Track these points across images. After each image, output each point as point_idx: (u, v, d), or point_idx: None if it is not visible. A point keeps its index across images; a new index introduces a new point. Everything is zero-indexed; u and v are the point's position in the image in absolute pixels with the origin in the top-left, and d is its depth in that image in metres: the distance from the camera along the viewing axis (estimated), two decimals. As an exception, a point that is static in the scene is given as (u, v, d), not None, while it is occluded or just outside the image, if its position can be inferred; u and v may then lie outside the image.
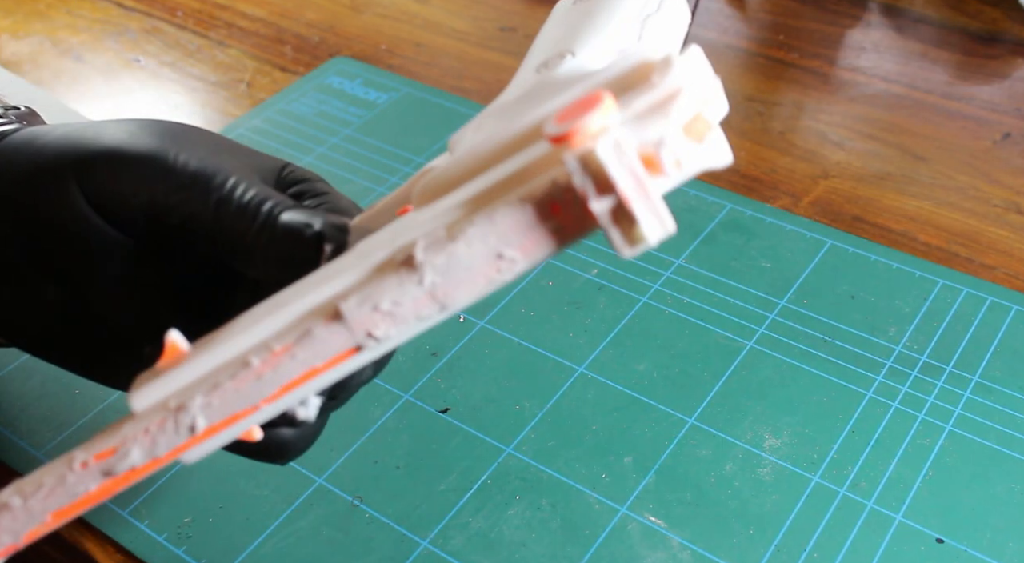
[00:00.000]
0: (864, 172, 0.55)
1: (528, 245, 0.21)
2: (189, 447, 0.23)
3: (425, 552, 0.38)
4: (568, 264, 0.49)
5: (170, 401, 0.23)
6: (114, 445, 0.23)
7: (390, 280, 0.22)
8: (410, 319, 0.22)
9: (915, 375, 0.43)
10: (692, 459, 0.40)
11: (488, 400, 0.43)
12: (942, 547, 0.37)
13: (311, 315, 0.23)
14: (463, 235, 0.21)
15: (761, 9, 0.69)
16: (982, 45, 0.65)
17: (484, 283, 0.22)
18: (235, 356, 0.23)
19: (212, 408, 0.22)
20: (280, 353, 0.22)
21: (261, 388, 0.22)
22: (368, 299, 0.22)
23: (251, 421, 0.23)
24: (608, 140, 0.20)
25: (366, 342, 0.22)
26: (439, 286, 0.22)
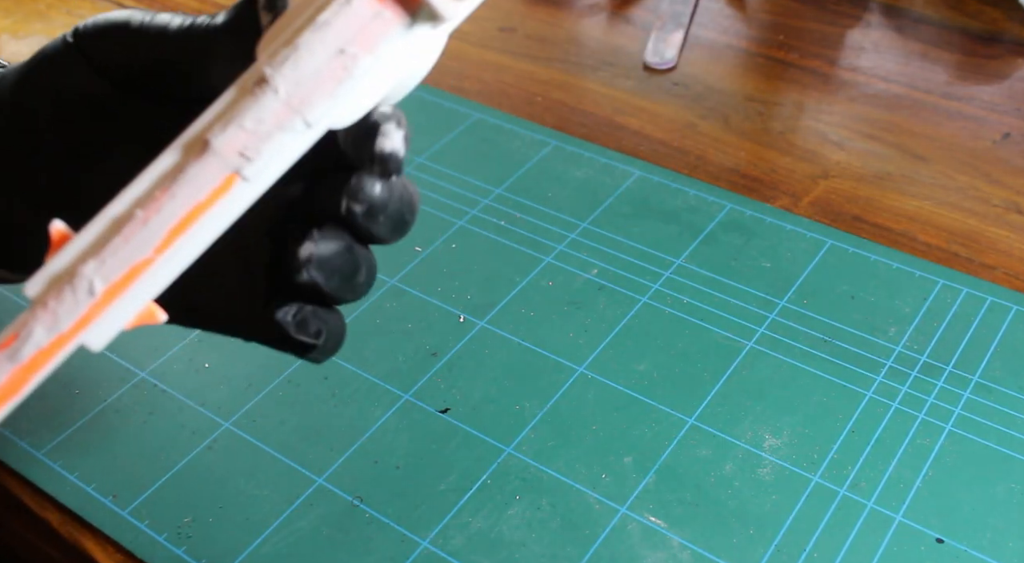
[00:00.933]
0: (864, 172, 0.55)
1: (365, 39, 0.23)
2: (93, 318, 0.22)
3: (425, 552, 0.38)
4: (568, 264, 0.49)
5: (63, 274, 0.23)
6: (15, 330, 0.22)
7: (247, 101, 0.23)
8: (275, 132, 0.23)
9: (915, 375, 0.43)
10: (692, 459, 0.40)
11: (488, 400, 0.43)
12: (942, 547, 0.37)
13: (183, 154, 0.23)
14: (303, 43, 0.23)
15: (761, 9, 0.69)
16: (982, 45, 0.65)
17: (335, 84, 0.23)
18: (120, 214, 0.23)
19: (105, 266, 0.22)
20: (160, 196, 0.22)
21: (149, 235, 0.22)
22: (230, 123, 0.23)
23: (152, 281, 0.23)
24: None
25: (240, 163, 0.22)
26: (293, 94, 0.23)
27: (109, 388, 0.44)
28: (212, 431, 0.42)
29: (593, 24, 0.69)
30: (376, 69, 0.23)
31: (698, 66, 0.64)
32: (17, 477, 0.41)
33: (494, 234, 0.51)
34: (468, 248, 0.50)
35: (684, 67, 0.64)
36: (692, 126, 0.59)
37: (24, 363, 0.22)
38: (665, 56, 0.64)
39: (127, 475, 0.41)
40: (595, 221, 0.52)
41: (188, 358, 0.45)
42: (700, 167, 0.56)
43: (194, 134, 0.23)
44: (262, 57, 0.24)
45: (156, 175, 0.23)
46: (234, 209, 0.23)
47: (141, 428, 0.42)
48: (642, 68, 0.64)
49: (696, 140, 0.58)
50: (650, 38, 0.66)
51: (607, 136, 0.58)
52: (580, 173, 0.55)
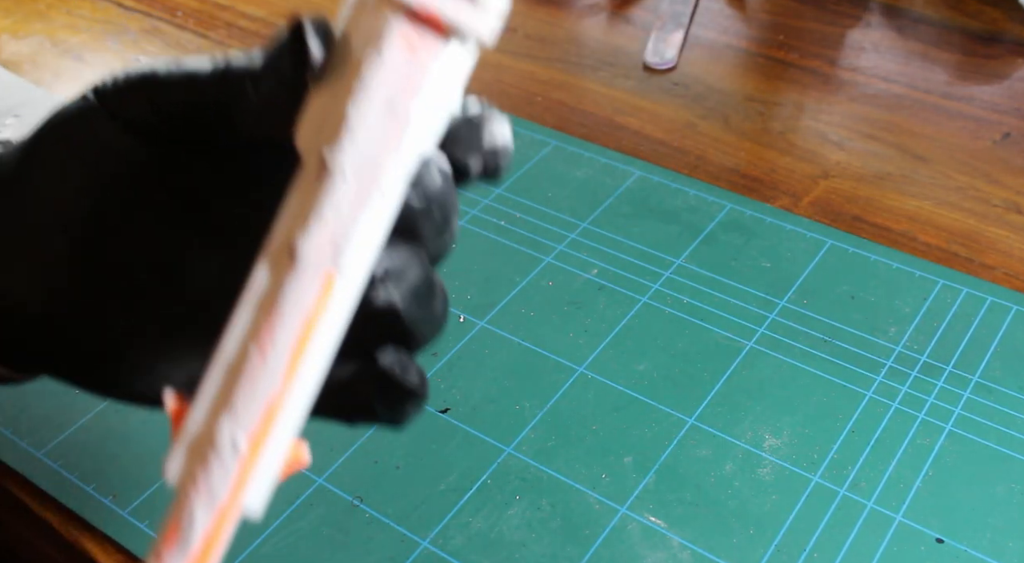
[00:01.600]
0: (864, 172, 0.55)
1: (408, 81, 0.22)
2: (247, 477, 0.21)
3: (425, 552, 0.38)
4: (568, 264, 0.49)
5: (199, 441, 0.21)
6: (174, 521, 0.21)
7: (318, 194, 0.22)
8: (357, 215, 0.22)
9: (915, 375, 0.43)
10: (692, 459, 0.40)
11: (488, 400, 0.43)
12: (942, 547, 0.37)
13: (273, 271, 0.22)
14: (351, 114, 0.22)
15: (761, 9, 0.69)
16: (982, 45, 0.65)
17: (396, 140, 0.22)
18: (233, 356, 0.22)
19: (239, 416, 0.21)
20: (268, 324, 0.21)
21: (272, 368, 0.21)
22: (309, 222, 0.22)
23: (290, 413, 0.21)
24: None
25: (333, 260, 0.22)
26: (361, 170, 0.22)
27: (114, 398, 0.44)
28: (212, 431, 0.42)
29: (593, 24, 0.69)
30: (431, 104, 0.23)
31: (698, 66, 0.64)
32: (17, 477, 0.41)
33: (494, 234, 0.51)
34: (468, 248, 0.50)
35: (684, 67, 0.64)
36: (692, 126, 0.59)
37: (197, 553, 0.21)
38: (665, 56, 0.64)
39: (127, 475, 0.41)
40: (595, 221, 0.52)
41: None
42: (700, 167, 0.56)
43: (276, 245, 0.22)
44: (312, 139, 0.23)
45: (254, 302, 0.22)
46: (345, 305, 0.22)
47: (141, 428, 0.42)
48: (642, 68, 0.64)
49: (696, 140, 0.58)
50: (650, 38, 0.66)
51: (607, 136, 0.58)
52: (580, 173, 0.55)
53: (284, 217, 0.22)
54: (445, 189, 0.25)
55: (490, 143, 0.26)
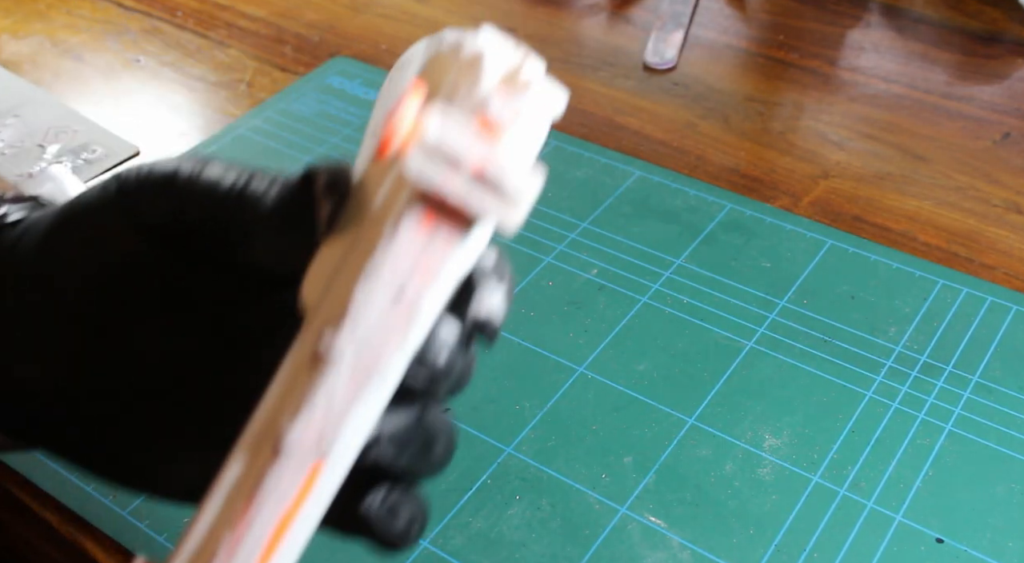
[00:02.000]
0: (864, 172, 0.55)
1: (422, 270, 0.20)
2: None
3: (425, 552, 0.38)
4: (568, 264, 0.49)
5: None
6: None
7: (311, 380, 0.20)
8: (350, 407, 0.20)
9: (915, 375, 0.43)
10: (692, 459, 0.40)
11: (488, 400, 0.43)
12: (942, 547, 0.37)
13: (254, 458, 0.20)
14: (356, 299, 0.20)
15: (761, 9, 0.69)
16: (982, 45, 0.65)
17: (403, 331, 0.20)
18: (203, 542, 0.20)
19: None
20: (244, 515, 0.20)
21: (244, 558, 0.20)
22: (298, 412, 0.20)
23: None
24: (432, 122, 0.19)
25: (320, 452, 0.20)
26: (360, 361, 0.20)
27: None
28: (212, 431, 0.42)
29: (593, 24, 0.69)
30: (445, 291, 0.21)
31: (698, 66, 0.64)
32: (17, 477, 0.41)
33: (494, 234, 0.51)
34: (468, 248, 0.50)
35: (684, 67, 0.64)
36: (692, 126, 0.59)
37: None
38: (665, 56, 0.64)
39: (127, 475, 0.41)
40: (595, 221, 0.52)
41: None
42: (700, 167, 0.56)
43: (260, 430, 0.21)
44: (316, 300, 0.21)
45: (228, 491, 0.20)
46: (325, 496, 0.21)
47: (141, 428, 0.42)
48: (642, 68, 0.64)
49: (696, 140, 0.58)
50: (650, 38, 0.66)
51: (607, 136, 0.58)
52: (580, 173, 0.55)
53: (273, 394, 0.21)
54: (450, 363, 0.23)
55: (475, 314, 0.24)
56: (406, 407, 0.24)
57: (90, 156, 0.57)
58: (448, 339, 0.23)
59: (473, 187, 0.20)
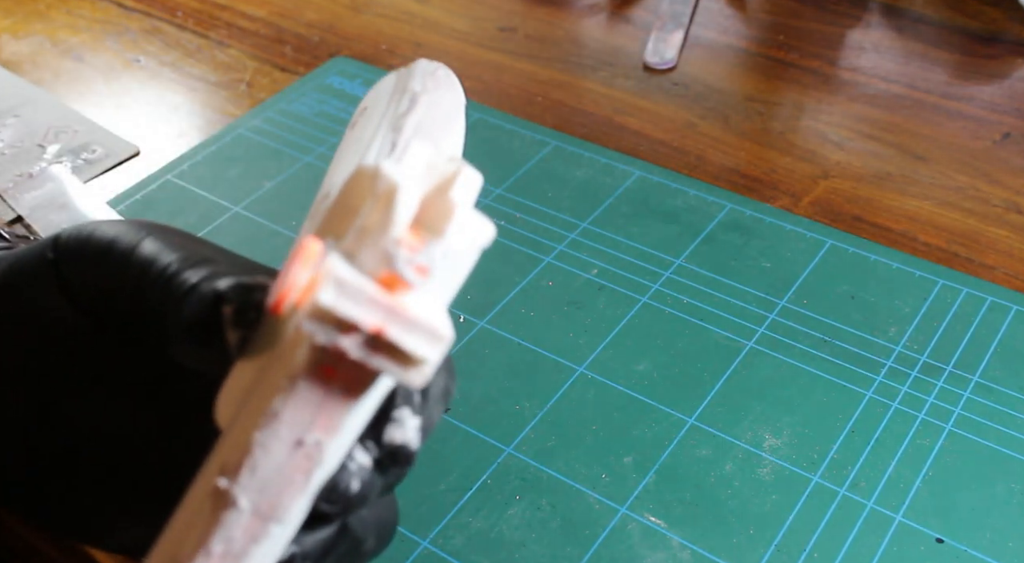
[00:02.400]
0: (864, 172, 0.55)
1: (323, 420, 0.20)
2: None
3: (425, 552, 0.38)
4: (568, 264, 0.49)
5: None
6: None
7: (211, 519, 0.20)
8: (249, 546, 0.20)
9: (915, 375, 0.43)
10: (692, 459, 0.40)
11: (488, 400, 0.43)
12: (942, 547, 0.37)
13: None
14: (255, 445, 0.20)
15: (761, 9, 0.69)
16: (982, 45, 0.65)
17: (304, 477, 0.20)
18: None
19: None
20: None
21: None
22: (196, 552, 0.20)
23: None
24: (327, 285, 0.19)
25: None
26: (259, 503, 0.20)
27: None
28: (212, 431, 0.42)
29: (593, 24, 0.69)
30: (350, 436, 0.21)
31: (698, 66, 0.64)
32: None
33: (494, 234, 0.51)
34: (468, 248, 0.50)
35: (684, 67, 0.64)
36: (692, 126, 0.59)
37: None
38: (665, 56, 0.64)
39: (127, 475, 0.41)
40: (595, 221, 0.52)
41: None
42: (700, 167, 0.56)
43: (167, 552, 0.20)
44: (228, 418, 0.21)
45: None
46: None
47: (141, 428, 0.42)
48: (642, 68, 0.64)
49: (696, 140, 0.58)
50: (650, 38, 0.66)
51: (607, 136, 0.58)
52: (580, 173, 0.55)
53: (174, 527, 0.21)
54: (364, 490, 0.23)
55: (388, 440, 0.23)
56: (324, 525, 0.24)
57: (90, 156, 0.57)
58: (361, 466, 0.22)
59: (372, 348, 0.19)
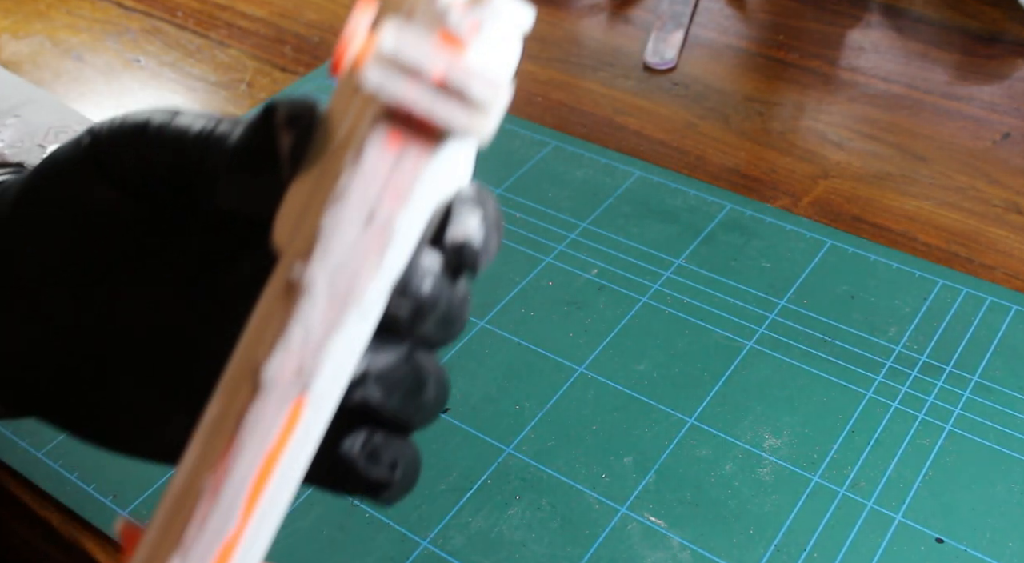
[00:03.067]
0: (864, 172, 0.55)
1: (392, 192, 0.19)
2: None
3: (425, 552, 0.38)
4: (568, 264, 0.49)
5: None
6: None
7: (286, 312, 0.19)
8: (329, 336, 0.19)
9: (915, 375, 0.43)
10: (692, 459, 0.40)
11: (488, 400, 0.43)
12: (942, 547, 0.37)
13: (233, 397, 0.20)
14: (325, 225, 0.19)
15: (761, 9, 0.69)
16: (982, 45, 0.65)
17: (377, 255, 0.19)
18: (183, 490, 0.19)
19: (189, 557, 0.19)
20: (224, 457, 0.19)
21: (227, 506, 0.19)
22: (275, 345, 0.19)
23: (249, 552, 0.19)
24: (388, 32, 0.18)
25: (301, 385, 0.19)
26: (334, 288, 0.19)
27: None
28: (212, 431, 0.42)
29: (593, 24, 0.69)
30: (421, 213, 0.20)
31: (698, 66, 0.64)
32: (17, 477, 0.41)
33: (494, 234, 0.51)
34: (468, 248, 0.50)
35: (684, 67, 0.64)
36: (692, 126, 0.59)
37: None
38: (665, 56, 0.64)
39: (127, 475, 0.41)
40: (595, 221, 0.52)
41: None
42: (700, 167, 0.56)
43: (239, 367, 0.20)
44: (287, 239, 0.20)
45: (210, 431, 0.20)
46: (314, 432, 0.20)
47: (141, 428, 0.42)
48: (642, 68, 0.64)
49: (696, 140, 0.58)
50: (650, 38, 0.66)
51: (607, 136, 0.58)
52: (580, 173, 0.55)
53: (249, 333, 0.20)
54: (435, 292, 0.22)
55: (451, 238, 0.22)
56: (394, 345, 0.23)
57: (90, 156, 0.57)
58: (430, 267, 0.22)
59: (437, 96, 0.19)
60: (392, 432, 0.25)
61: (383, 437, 0.24)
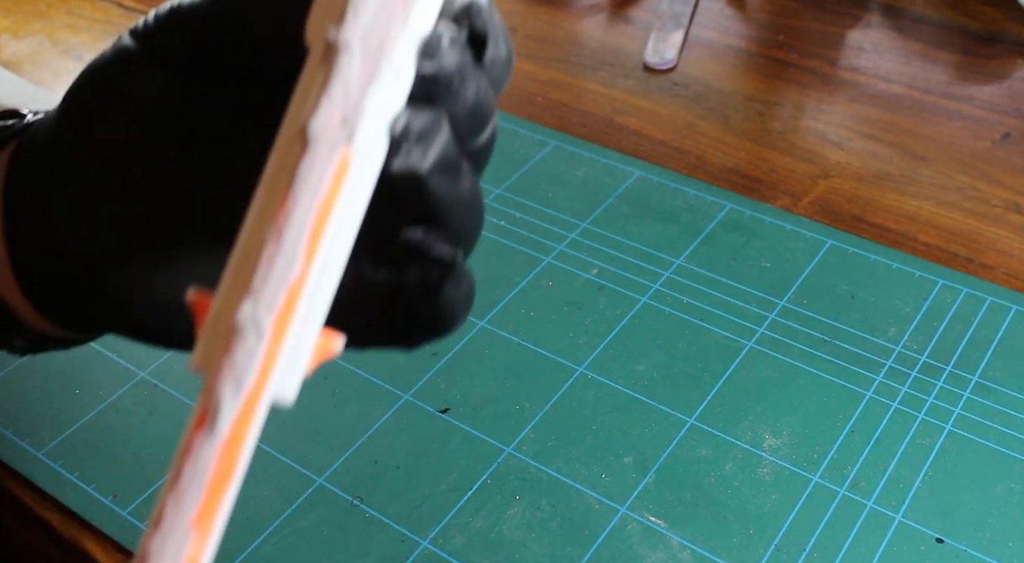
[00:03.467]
0: (864, 172, 0.55)
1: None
2: (273, 362, 0.20)
3: (425, 552, 0.38)
4: (568, 264, 0.49)
5: (222, 328, 0.20)
6: (202, 406, 0.20)
7: (326, 73, 0.21)
8: (367, 89, 0.21)
9: (915, 375, 0.43)
10: (692, 459, 0.40)
11: (488, 400, 0.43)
12: (942, 547, 0.37)
13: (285, 155, 0.21)
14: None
15: (761, 9, 0.69)
16: (982, 45, 0.65)
17: (404, 13, 0.21)
18: (249, 242, 0.21)
19: (261, 301, 0.20)
20: (283, 207, 0.21)
21: (291, 251, 0.20)
22: (319, 101, 0.21)
23: (314, 299, 0.21)
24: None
25: (345, 135, 0.21)
26: (368, 43, 0.21)
27: (109, 388, 0.44)
28: (212, 431, 0.42)
29: (593, 24, 0.69)
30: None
31: (698, 66, 0.64)
32: (17, 477, 0.41)
33: (494, 234, 0.51)
34: (468, 248, 0.50)
35: (684, 67, 0.64)
36: (692, 126, 0.59)
37: (225, 436, 0.20)
38: (665, 56, 0.64)
39: (127, 475, 0.41)
40: (595, 221, 0.52)
41: (188, 358, 0.45)
42: (700, 167, 0.56)
43: (288, 130, 0.22)
44: (318, 27, 0.22)
45: (269, 188, 0.21)
46: (362, 185, 0.21)
47: (141, 428, 0.42)
48: (642, 68, 0.64)
49: (696, 140, 0.58)
50: (650, 38, 0.66)
51: (607, 136, 0.58)
52: (580, 173, 0.55)
53: (294, 104, 0.22)
54: (457, 59, 0.23)
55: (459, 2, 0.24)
56: (428, 108, 0.24)
57: (90, 156, 0.57)
58: (448, 33, 0.23)
59: None
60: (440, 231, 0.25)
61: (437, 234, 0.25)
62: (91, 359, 0.45)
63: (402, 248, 0.24)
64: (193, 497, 0.19)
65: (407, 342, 0.26)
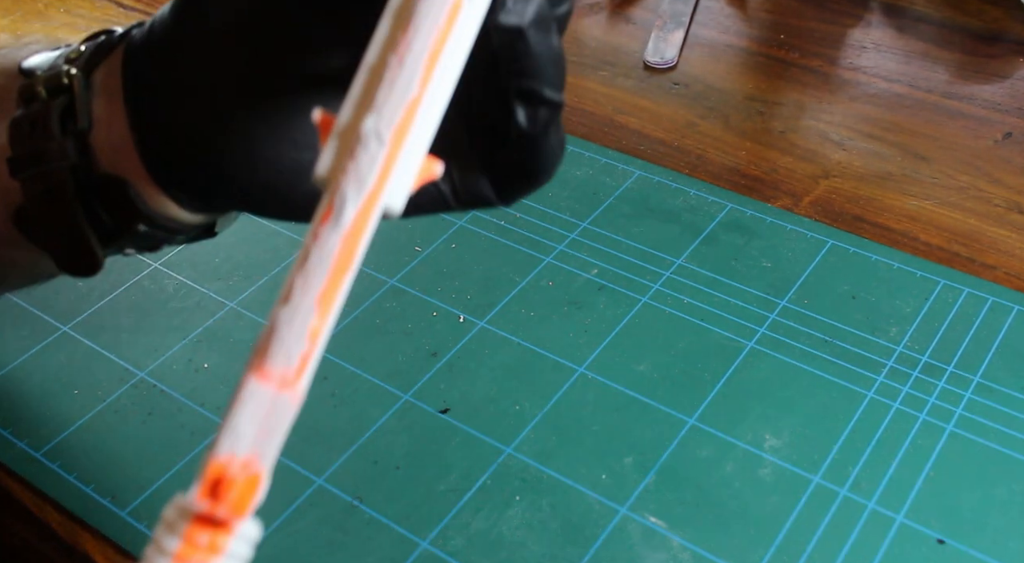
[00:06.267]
0: (865, 172, 0.55)
1: None
2: (390, 170, 0.23)
3: (425, 552, 0.38)
4: (568, 264, 0.49)
5: (347, 137, 0.23)
6: (328, 201, 0.22)
7: None
8: None
9: (916, 375, 0.43)
10: (692, 459, 0.40)
11: (488, 400, 0.43)
12: (943, 548, 0.37)
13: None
14: None
15: (761, 8, 0.69)
16: (983, 44, 0.65)
17: None
18: (374, 63, 0.23)
19: (383, 114, 0.23)
20: (405, 35, 0.23)
21: (410, 73, 0.23)
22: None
23: (425, 118, 0.23)
24: None
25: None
26: None
27: (108, 388, 0.44)
28: (211, 431, 0.42)
29: (593, 24, 0.69)
30: None
31: (698, 65, 0.64)
32: (17, 477, 0.41)
33: (494, 234, 0.51)
34: (468, 248, 0.50)
35: (684, 66, 0.64)
36: (692, 126, 0.59)
37: (348, 228, 0.22)
38: (665, 55, 0.64)
39: (127, 475, 0.41)
40: (595, 221, 0.52)
41: (187, 358, 0.45)
42: (700, 167, 0.55)
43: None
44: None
45: (391, 17, 0.24)
46: (472, 19, 0.24)
47: (140, 428, 0.42)
48: (642, 67, 0.64)
49: (696, 140, 0.58)
50: (650, 37, 0.66)
51: (607, 136, 0.58)
52: (580, 173, 0.55)
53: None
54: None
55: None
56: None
57: (90, 156, 0.57)
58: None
59: None
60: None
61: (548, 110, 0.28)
62: (90, 359, 0.45)
63: (515, 92, 0.28)
64: (319, 277, 0.21)
65: (505, 191, 0.30)
